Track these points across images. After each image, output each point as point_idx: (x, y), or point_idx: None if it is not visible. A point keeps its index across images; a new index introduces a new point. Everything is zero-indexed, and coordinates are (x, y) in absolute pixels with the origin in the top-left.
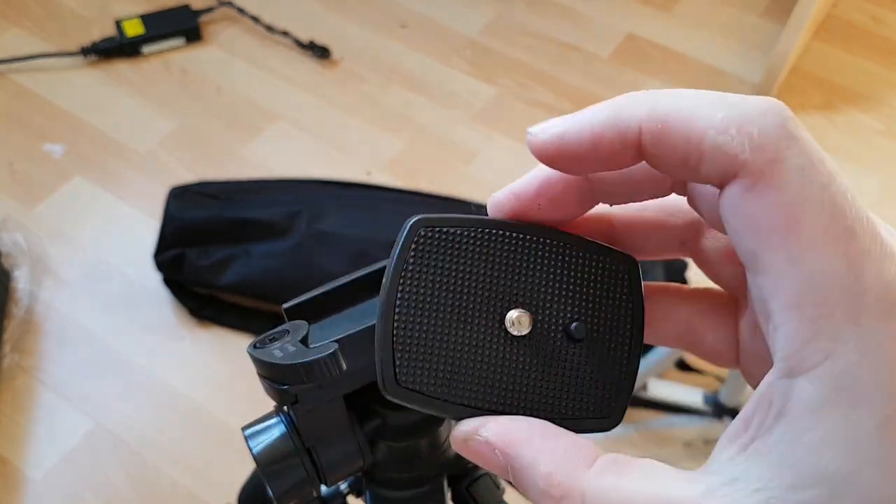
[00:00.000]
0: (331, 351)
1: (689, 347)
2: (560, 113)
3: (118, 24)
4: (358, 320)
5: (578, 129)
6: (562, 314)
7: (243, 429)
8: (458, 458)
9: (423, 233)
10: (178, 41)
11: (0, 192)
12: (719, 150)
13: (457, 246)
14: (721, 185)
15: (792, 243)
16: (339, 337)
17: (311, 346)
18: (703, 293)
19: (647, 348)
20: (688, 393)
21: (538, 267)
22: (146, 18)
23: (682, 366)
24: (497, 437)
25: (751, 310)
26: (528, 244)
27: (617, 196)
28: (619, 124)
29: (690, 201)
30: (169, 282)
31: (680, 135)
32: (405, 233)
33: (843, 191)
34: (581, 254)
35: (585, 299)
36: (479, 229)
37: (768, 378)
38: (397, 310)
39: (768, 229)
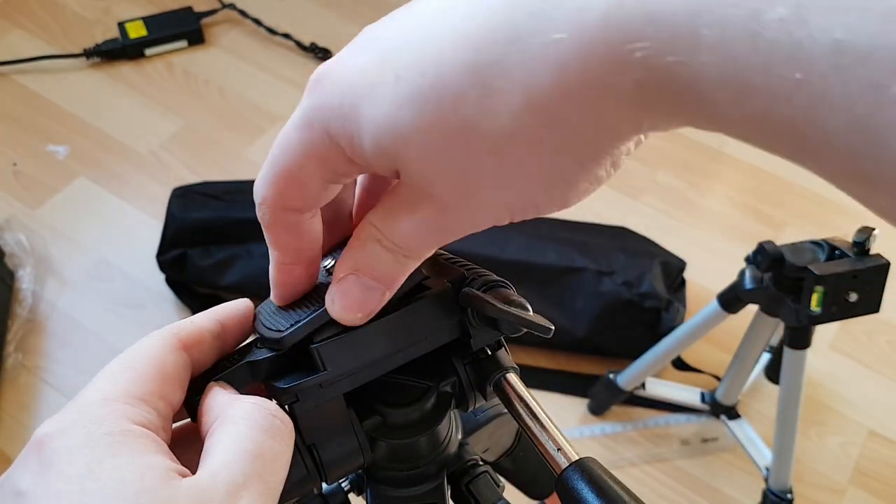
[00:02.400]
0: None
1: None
2: None
3: (121, 26)
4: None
5: None
6: None
7: None
8: (458, 456)
9: None
10: (180, 43)
11: (4, 193)
12: None
13: None
14: None
15: None
16: (340, 336)
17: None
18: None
19: (645, 349)
20: (685, 391)
21: None
22: (148, 21)
23: (680, 365)
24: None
25: None
26: None
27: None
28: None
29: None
30: (171, 282)
31: None
32: None
33: None
34: None
35: None
36: None
37: None
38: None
39: None
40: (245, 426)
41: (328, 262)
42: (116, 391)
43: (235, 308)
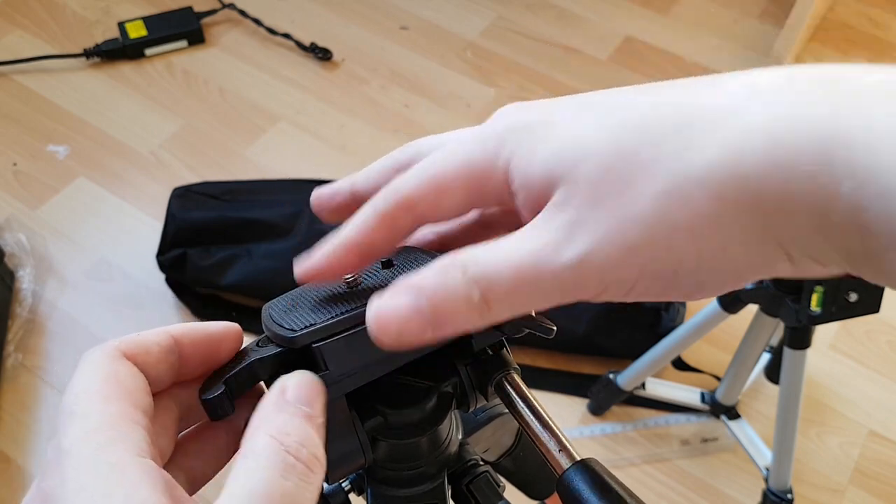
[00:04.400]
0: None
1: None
2: None
3: (121, 26)
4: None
5: None
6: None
7: None
8: (459, 456)
9: None
10: (180, 43)
11: (4, 193)
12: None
13: None
14: None
15: None
16: (342, 336)
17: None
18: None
19: (645, 349)
20: (685, 391)
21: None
22: (148, 21)
23: (680, 365)
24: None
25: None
26: None
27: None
28: None
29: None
30: (171, 282)
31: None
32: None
33: None
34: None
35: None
36: None
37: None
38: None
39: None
40: (257, 463)
41: (349, 276)
42: (96, 422)
43: (196, 327)
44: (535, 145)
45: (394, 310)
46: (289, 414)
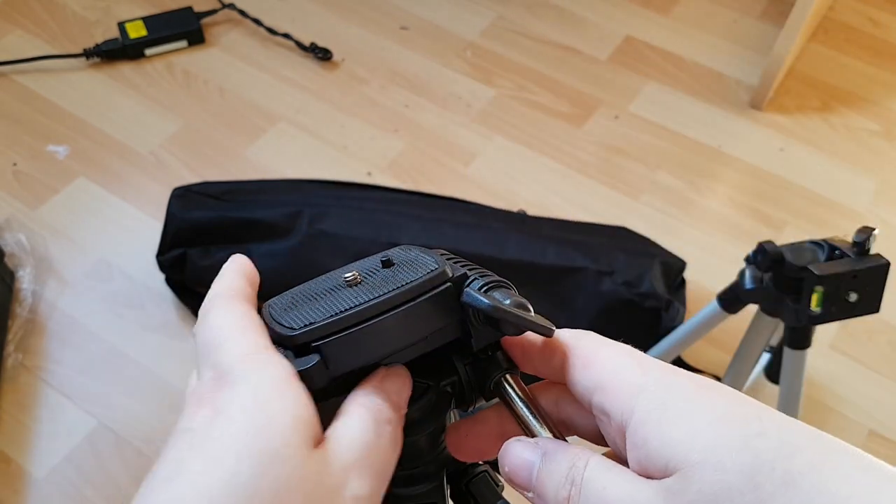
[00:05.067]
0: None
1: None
2: (558, 114)
3: (121, 26)
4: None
5: None
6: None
7: None
8: None
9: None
10: (180, 43)
11: (4, 193)
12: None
13: None
14: None
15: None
16: (342, 335)
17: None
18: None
19: (645, 349)
20: None
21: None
22: (148, 21)
23: (680, 365)
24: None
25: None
26: None
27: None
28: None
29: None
30: (171, 281)
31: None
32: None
33: None
34: None
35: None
36: None
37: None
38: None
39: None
40: (355, 420)
41: (349, 274)
42: (251, 346)
43: (241, 261)
44: (675, 415)
45: (517, 458)
46: (382, 397)
